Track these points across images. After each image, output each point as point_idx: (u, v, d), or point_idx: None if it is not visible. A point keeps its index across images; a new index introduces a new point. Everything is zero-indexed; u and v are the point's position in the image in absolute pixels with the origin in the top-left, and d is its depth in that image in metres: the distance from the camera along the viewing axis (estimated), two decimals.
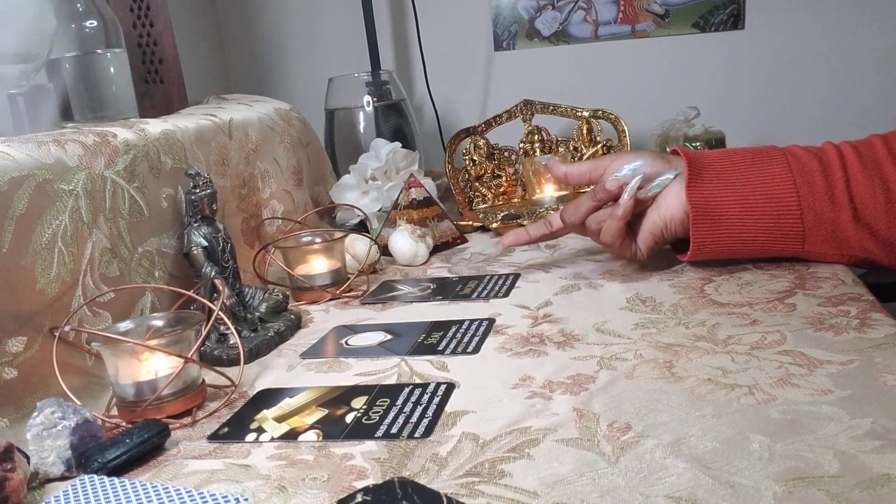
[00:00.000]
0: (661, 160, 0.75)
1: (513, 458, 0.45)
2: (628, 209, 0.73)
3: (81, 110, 0.83)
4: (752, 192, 0.70)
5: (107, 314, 0.65)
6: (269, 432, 0.53)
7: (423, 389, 0.56)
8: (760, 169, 0.71)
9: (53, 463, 0.49)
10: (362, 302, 0.81)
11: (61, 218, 0.62)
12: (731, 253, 0.73)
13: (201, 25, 1.44)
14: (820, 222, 0.69)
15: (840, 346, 0.56)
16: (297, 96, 1.41)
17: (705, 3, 1.26)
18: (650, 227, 0.75)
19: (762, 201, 0.70)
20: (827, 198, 0.69)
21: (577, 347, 0.61)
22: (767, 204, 0.70)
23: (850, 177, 0.69)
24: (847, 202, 0.68)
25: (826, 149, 0.71)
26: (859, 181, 0.68)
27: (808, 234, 0.70)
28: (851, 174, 0.69)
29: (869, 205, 0.68)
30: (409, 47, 1.41)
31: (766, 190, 0.70)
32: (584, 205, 0.76)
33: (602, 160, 0.78)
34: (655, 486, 0.41)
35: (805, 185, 0.69)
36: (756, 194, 0.70)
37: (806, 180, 0.69)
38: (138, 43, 0.93)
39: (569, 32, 1.33)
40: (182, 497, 0.43)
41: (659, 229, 0.74)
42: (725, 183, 0.71)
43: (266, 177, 0.95)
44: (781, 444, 0.43)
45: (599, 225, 0.75)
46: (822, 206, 0.69)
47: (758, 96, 1.28)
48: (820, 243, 0.70)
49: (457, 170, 1.17)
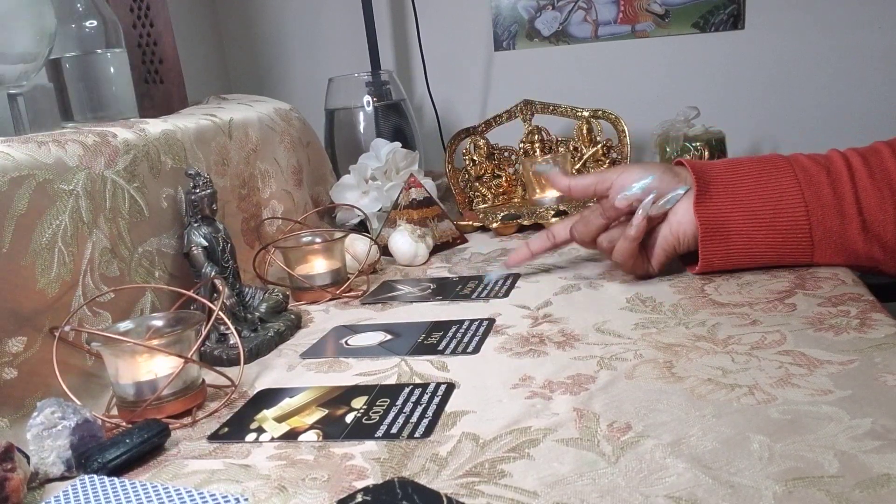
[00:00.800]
0: (669, 174, 0.73)
1: (513, 458, 0.45)
2: (641, 230, 0.71)
3: (81, 110, 0.83)
4: (761, 206, 0.70)
5: (107, 314, 0.65)
6: (269, 432, 0.53)
7: (423, 389, 0.56)
8: (769, 182, 0.70)
9: (53, 463, 0.49)
10: (362, 302, 0.81)
11: (61, 218, 0.62)
12: (740, 265, 0.73)
13: (201, 25, 1.44)
14: (829, 235, 0.69)
15: (840, 346, 0.56)
16: (297, 96, 1.41)
17: (705, 3, 1.26)
18: (662, 244, 0.74)
19: (771, 216, 0.70)
20: (836, 211, 0.68)
21: (577, 347, 0.61)
22: (776, 219, 0.70)
23: (858, 188, 0.68)
24: (856, 214, 0.68)
25: (833, 158, 0.71)
26: (868, 192, 0.68)
27: (817, 246, 0.70)
28: (860, 185, 0.68)
29: (878, 216, 0.68)
30: (409, 47, 1.41)
31: (775, 204, 0.70)
32: (594, 223, 0.75)
33: (608, 173, 0.76)
34: (655, 486, 0.41)
35: (814, 198, 0.69)
36: (765, 209, 0.70)
37: (815, 193, 0.69)
38: (138, 43, 0.93)
39: (569, 32, 1.33)
40: (182, 497, 0.43)
41: (671, 245, 0.74)
42: (734, 198, 0.71)
43: (266, 177, 0.95)
44: (781, 444, 0.43)
45: (612, 244, 0.74)
46: (830, 220, 0.69)
47: (758, 96, 1.28)
48: (829, 255, 0.70)
49: (457, 170, 1.17)
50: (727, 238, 0.71)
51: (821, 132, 1.25)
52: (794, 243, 0.70)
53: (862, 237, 0.68)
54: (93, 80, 0.83)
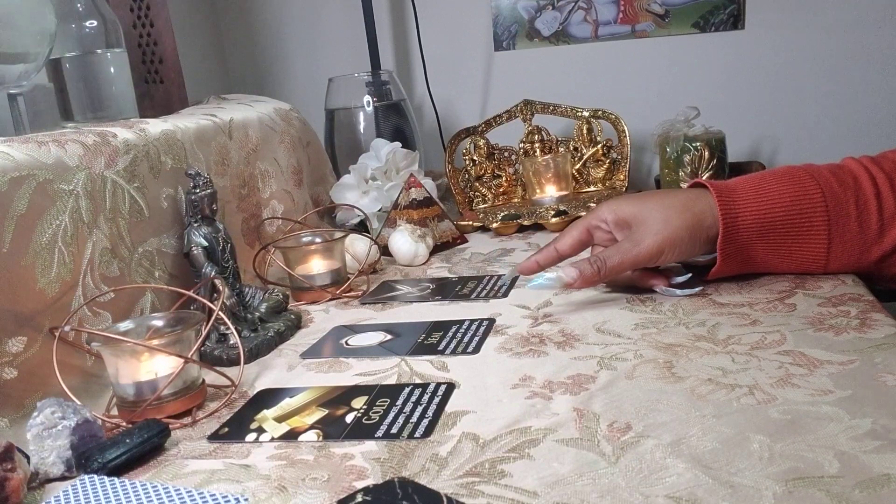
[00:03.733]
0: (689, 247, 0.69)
1: (513, 458, 0.45)
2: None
3: (81, 110, 0.83)
4: (786, 255, 0.70)
5: (107, 314, 0.65)
6: (269, 432, 0.53)
7: (423, 389, 0.56)
8: (798, 235, 0.68)
9: (53, 463, 0.49)
10: (362, 302, 0.81)
11: (61, 218, 0.62)
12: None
13: (201, 25, 1.44)
14: (844, 266, 0.69)
15: (840, 346, 0.56)
16: (297, 96, 1.41)
17: (705, 3, 1.26)
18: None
19: (792, 254, 0.70)
20: (858, 251, 0.68)
21: (577, 347, 0.61)
22: (795, 255, 0.69)
23: (885, 223, 0.66)
24: (879, 255, 0.67)
25: (864, 188, 0.67)
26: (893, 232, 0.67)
27: (829, 271, 0.70)
28: (887, 218, 0.66)
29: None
30: (409, 47, 1.41)
31: (799, 248, 0.69)
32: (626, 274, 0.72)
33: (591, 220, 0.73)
34: (655, 486, 0.41)
35: (840, 244, 0.68)
36: (789, 255, 0.70)
37: (841, 240, 0.67)
38: (138, 43, 0.93)
39: (569, 32, 1.33)
40: (182, 497, 0.43)
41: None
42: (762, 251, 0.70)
43: (266, 177, 0.95)
44: (781, 444, 0.43)
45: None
46: (850, 257, 0.68)
47: (758, 96, 1.28)
48: (840, 272, 0.71)
49: (457, 170, 1.17)
50: (745, 265, 0.71)
51: (821, 132, 1.25)
52: (808, 271, 0.71)
53: (876, 265, 0.68)
54: (93, 80, 0.83)
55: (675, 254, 0.69)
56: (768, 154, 1.28)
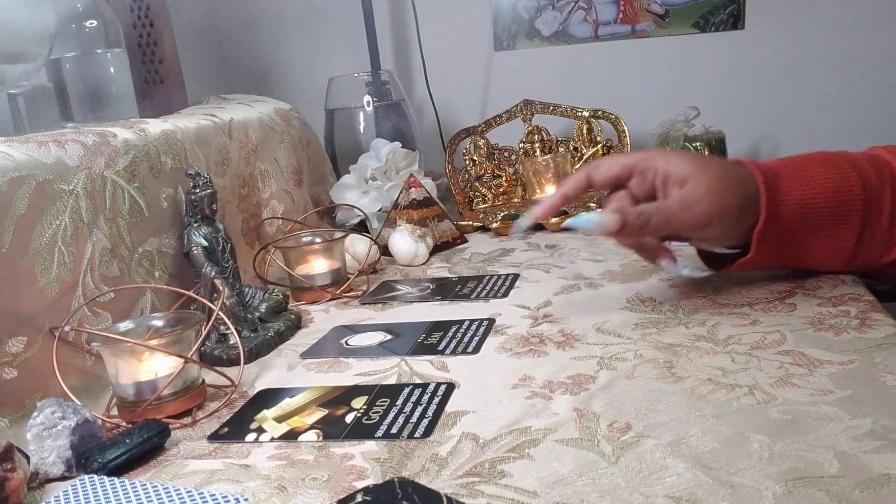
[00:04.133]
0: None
1: (513, 458, 0.45)
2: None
3: (81, 110, 0.83)
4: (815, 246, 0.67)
5: (107, 314, 0.65)
6: (269, 432, 0.53)
7: (423, 389, 0.56)
8: (831, 228, 0.65)
9: (53, 463, 0.49)
10: (362, 302, 0.81)
11: (61, 218, 0.62)
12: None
13: (201, 25, 1.44)
14: (861, 266, 0.68)
15: (840, 346, 0.56)
16: (297, 96, 1.41)
17: (705, 3, 1.26)
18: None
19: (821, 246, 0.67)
20: (881, 249, 0.65)
21: (577, 347, 0.61)
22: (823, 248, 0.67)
23: None
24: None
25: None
26: None
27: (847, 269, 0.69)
28: None
29: None
30: (409, 47, 1.41)
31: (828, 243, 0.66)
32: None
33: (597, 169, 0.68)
34: (655, 486, 0.41)
35: (868, 239, 0.65)
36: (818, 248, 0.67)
37: (871, 235, 0.65)
38: (138, 43, 0.93)
39: (569, 32, 1.33)
40: (182, 497, 0.43)
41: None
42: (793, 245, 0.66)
43: (266, 177, 0.95)
44: (781, 444, 0.43)
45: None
46: (872, 254, 0.66)
47: (758, 96, 1.28)
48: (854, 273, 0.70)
49: (457, 170, 1.17)
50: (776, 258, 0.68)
51: (821, 132, 1.25)
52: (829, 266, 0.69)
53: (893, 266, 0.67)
54: (93, 80, 0.83)
55: (717, 230, 0.63)
56: (768, 154, 1.28)
